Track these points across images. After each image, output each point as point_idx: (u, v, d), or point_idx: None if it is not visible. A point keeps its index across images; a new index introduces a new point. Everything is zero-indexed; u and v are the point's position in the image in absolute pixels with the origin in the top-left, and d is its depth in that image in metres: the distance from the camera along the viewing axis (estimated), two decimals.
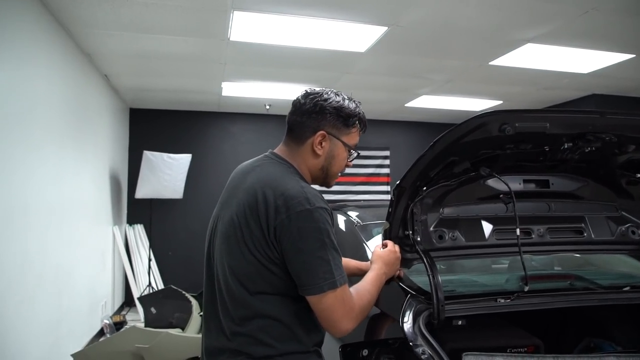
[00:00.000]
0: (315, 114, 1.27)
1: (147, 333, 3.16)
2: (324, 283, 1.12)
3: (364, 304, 1.22)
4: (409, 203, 1.49)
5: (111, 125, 5.05)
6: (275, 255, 1.15)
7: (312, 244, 1.12)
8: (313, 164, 1.29)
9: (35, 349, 2.89)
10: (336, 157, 1.30)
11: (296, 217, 1.12)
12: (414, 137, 7.01)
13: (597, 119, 1.35)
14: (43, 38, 2.99)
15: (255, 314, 1.17)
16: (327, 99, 1.27)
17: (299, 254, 1.13)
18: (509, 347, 1.62)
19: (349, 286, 1.19)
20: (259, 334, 1.17)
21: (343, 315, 1.14)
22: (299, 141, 1.29)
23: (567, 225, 1.70)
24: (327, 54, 3.84)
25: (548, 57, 3.89)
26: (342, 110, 1.27)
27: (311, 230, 1.12)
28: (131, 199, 5.63)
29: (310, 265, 1.12)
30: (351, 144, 1.31)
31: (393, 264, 1.42)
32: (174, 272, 5.86)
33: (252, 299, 1.17)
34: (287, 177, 1.21)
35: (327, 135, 1.27)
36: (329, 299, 1.13)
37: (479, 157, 1.46)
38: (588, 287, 1.77)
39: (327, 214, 1.16)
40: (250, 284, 1.18)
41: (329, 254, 1.13)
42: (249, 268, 1.17)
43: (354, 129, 1.31)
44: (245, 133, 6.46)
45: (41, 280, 3.00)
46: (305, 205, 1.13)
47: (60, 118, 3.34)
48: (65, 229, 3.48)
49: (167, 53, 3.87)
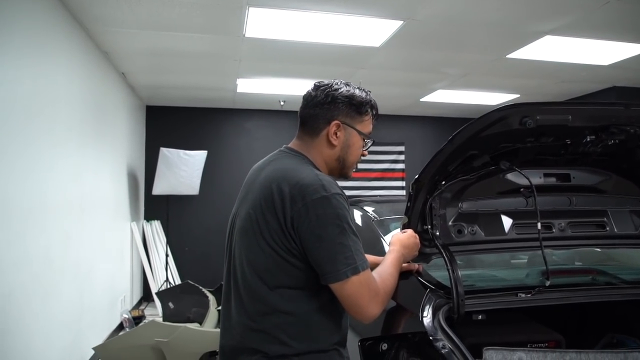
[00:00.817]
0: (327, 105, 1.27)
1: (166, 327, 3.21)
2: (347, 269, 1.10)
3: (387, 286, 1.21)
4: (428, 197, 1.49)
5: (128, 123, 5.12)
6: (293, 246, 1.14)
7: (331, 231, 1.11)
8: (329, 154, 1.29)
9: (58, 341, 2.96)
10: (352, 146, 1.29)
11: (313, 205, 1.11)
12: (429, 132, 6.96)
13: (622, 111, 1.32)
14: (62, 37, 3.04)
15: (272, 310, 1.16)
16: (338, 89, 1.27)
17: (319, 242, 1.11)
18: (529, 342, 1.61)
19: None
20: (275, 331, 1.16)
21: (369, 300, 1.13)
22: (313, 133, 1.29)
23: (588, 220, 1.68)
24: (342, 49, 3.82)
25: (567, 49, 3.82)
26: (354, 99, 1.27)
27: (329, 216, 1.11)
28: (148, 196, 5.70)
29: (331, 252, 1.11)
30: (365, 131, 1.31)
31: (411, 247, 1.41)
32: (191, 267, 5.93)
33: (270, 294, 1.16)
34: (301, 167, 1.21)
35: (342, 125, 1.27)
36: (354, 285, 1.11)
37: (498, 150, 1.45)
38: (610, 282, 1.74)
39: (344, 200, 1.16)
40: (270, 277, 1.17)
41: (349, 240, 1.12)
42: (268, 261, 1.16)
43: (366, 116, 1.30)
44: (260, 129, 6.48)
45: (63, 275, 3.06)
46: (321, 192, 1.12)
47: (80, 116, 3.40)
48: (86, 225, 3.54)
49: (182, 50, 3.90)
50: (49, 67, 2.80)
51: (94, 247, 3.78)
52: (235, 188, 1.33)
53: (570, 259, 2.19)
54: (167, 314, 4.14)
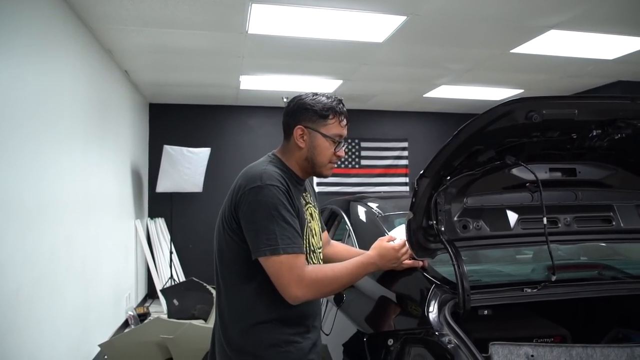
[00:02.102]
0: (293, 112, 1.44)
1: (172, 324, 3.22)
2: (266, 248, 1.27)
3: (320, 277, 1.33)
4: (433, 193, 1.48)
5: (132, 121, 5.13)
6: (234, 227, 1.34)
7: (259, 216, 1.29)
8: (299, 155, 1.44)
9: (65, 338, 2.98)
10: (317, 147, 1.43)
11: (249, 193, 1.31)
12: (433, 128, 6.94)
13: (628, 105, 1.31)
14: (66, 35, 3.05)
15: (226, 285, 1.38)
16: (304, 98, 1.44)
17: (248, 223, 1.31)
18: (535, 337, 1.60)
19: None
20: (227, 307, 1.37)
21: (290, 281, 1.27)
22: (286, 138, 1.47)
23: (594, 214, 1.66)
24: (345, 45, 3.81)
25: (572, 43, 3.80)
26: (315, 105, 1.42)
27: (259, 203, 1.29)
28: (152, 193, 5.71)
29: (256, 233, 1.29)
30: (330, 134, 1.43)
31: (388, 259, 1.47)
32: (195, 264, 5.95)
33: (224, 270, 1.39)
34: (260, 165, 1.41)
35: (306, 129, 1.42)
36: (274, 264, 1.27)
37: (504, 145, 1.43)
38: (617, 277, 1.74)
39: (278, 191, 1.31)
40: (222, 255, 1.39)
41: (275, 225, 1.28)
42: (221, 240, 1.39)
43: (330, 120, 1.42)
44: (263, 126, 6.48)
45: (69, 273, 3.08)
46: (257, 182, 1.31)
47: (84, 114, 3.41)
48: (91, 222, 3.56)
49: (185, 48, 3.90)
50: (52, 66, 2.81)
51: (99, 245, 3.79)
52: None
53: (576, 253, 2.18)
54: (171, 311, 4.16)
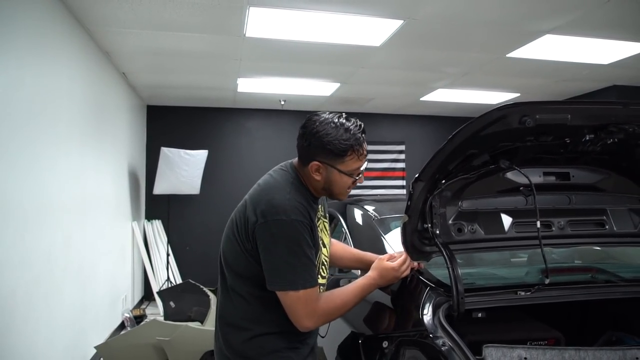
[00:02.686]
0: (308, 147, 1.35)
1: (168, 326, 3.22)
2: (285, 283, 1.27)
3: (330, 308, 1.33)
4: (428, 196, 1.50)
5: (129, 123, 5.13)
6: (250, 247, 1.32)
7: (281, 250, 1.27)
8: (315, 184, 1.40)
9: (60, 340, 2.97)
10: (334, 182, 1.38)
11: (272, 224, 1.27)
12: (430, 131, 6.96)
13: (620, 110, 1.33)
14: (64, 38, 3.05)
15: (233, 293, 1.37)
16: (318, 132, 1.32)
17: (269, 255, 1.29)
18: (529, 340, 1.62)
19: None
20: (233, 312, 1.37)
21: (304, 315, 1.29)
22: (302, 164, 1.41)
23: (588, 218, 1.68)
24: (342, 48, 3.83)
25: (567, 48, 3.83)
26: (332, 144, 1.32)
27: (283, 237, 1.27)
28: (149, 195, 5.71)
29: (276, 266, 1.28)
30: (348, 170, 1.36)
31: (389, 280, 1.48)
32: (192, 266, 5.94)
33: (232, 278, 1.37)
34: (281, 187, 1.34)
35: (322, 165, 1.35)
36: (291, 299, 1.28)
37: (498, 149, 1.45)
38: (610, 280, 1.75)
39: (303, 226, 1.29)
40: (232, 262, 1.38)
41: (297, 260, 1.27)
42: (233, 249, 1.37)
43: (348, 157, 1.34)
44: (261, 128, 6.50)
45: (65, 274, 3.07)
46: (282, 216, 1.27)
47: (81, 116, 3.41)
48: (88, 224, 3.56)
49: (183, 50, 3.91)
50: (50, 68, 2.81)
51: (96, 247, 3.79)
52: (236, 187, 1.38)
53: (570, 257, 2.20)
54: (168, 313, 4.16)
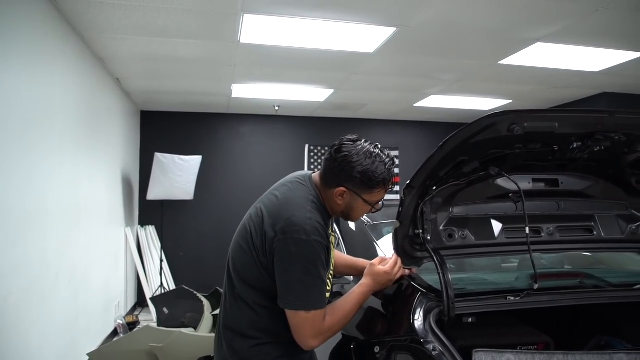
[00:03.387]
0: (340, 172, 1.35)
1: (161, 332, 3.21)
2: (298, 303, 1.28)
3: (334, 324, 1.34)
4: (419, 202, 1.51)
5: (123, 128, 5.13)
6: (265, 261, 1.32)
7: (297, 268, 1.27)
8: (335, 206, 1.41)
9: (52, 346, 2.96)
10: (355, 209, 1.41)
11: (292, 242, 1.27)
12: (423, 137, 7.01)
13: (606, 119, 1.36)
14: (58, 44, 3.06)
15: (241, 301, 1.37)
16: (355, 162, 1.33)
17: (284, 272, 1.28)
18: (519, 345, 1.64)
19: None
20: (243, 324, 1.36)
21: (310, 335, 1.29)
22: (326, 185, 1.40)
23: (576, 224, 1.71)
24: (336, 55, 3.86)
25: (558, 56, 3.88)
26: (366, 175, 1.34)
27: (300, 257, 1.26)
28: (143, 201, 5.70)
29: (290, 284, 1.28)
30: (373, 200, 1.39)
31: (384, 284, 1.50)
32: (185, 272, 5.92)
33: (242, 287, 1.36)
34: (301, 204, 1.33)
35: (348, 192, 1.36)
36: (300, 318, 1.28)
37: (488, 156, 1.47)
38: (598, 285, 1.78)
39: (321, 247, 1.29)
40: (242, 272, 1.37)
41: (311, 280, 1.27)
42: (245, 259, 1.36)
43: (376, 189, 1.38)
44: (255, 134, 6.51)
45: (58, 280, 3.06)
46: (302, 235, 1.26)
47: (75, 122, 3.41)
48: (81, 230, 3.54)
49: (178, 56, 3.92)
50: (44, 74, 2.82)
51: (89, 253, 3.78)
52: (230, 193, 1.37)
53: (559, 262, 2.22)
54: (161, 319, 4.14)
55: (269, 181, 1.51)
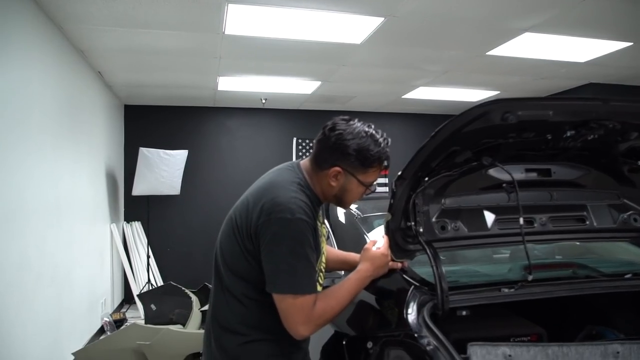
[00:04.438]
0: (335, 151, 1.31)
1: (148, 330, 3.15)
2: (285, 286, 1.21)
3: (326, 312, 1.27)
4: (411, 194, 1.48)
5: (106, 123, 5.01)
6: (250, 248, 1.27)
7: (284, 249, 1.21)
8: (327, 190, 1.36)
9: (35, 348, 2.88)
10: (349, 191, 1.36)
11: (275, 222, 1.22)
12: (411, 129, 6.99)
13: (601, 106, 1.33)
14: (36, 36, 2.95)
15: (229, 293, 1.32)
16: (350, 140, 1.30)
17: (271, 256, 1.23)
18: (512, 336, 1.62)
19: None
20: (232, 319, 1.31)
21: (299, 321, 1.23)
22: (318, 167, 1.35)
23: (569, 214, 1.69)
24: (323, 46, 3.81)
25: (545, 46, 3.88)
26: (362, 153, 1.31)
27: (286, 237, 1.21)
28: (128, 196, 5.60)
29: (277, 267, 1.22)
30: (367, 181, 1.36)
31: (382, 267, 1.44)
32: (173, 268, 5.85)
33: (230, 278, 1.31)
34: (286, 186, 1.29)
35: (343, 172, 1.32)
36: (288, 303, 1.22)
37: (480, 146, 1.44)
38: (590, 275, 1.77)
39: (307, 226, 1.24)
40: (231, 263, 1.32)
41: (298, 262, 1.21)
42: (233, 249, 1.31)
43: (372, 169, 1.35)
44: (242, 127, 6.43)
45: (40, 280, 2.98)
46: (286, 214, 1.21)
47: (55, 117, 3.31)
48: (63, 227, 3.45)
49: (161, 48, 3.83)
50: (21, 66, 2.72)
51: (72, 250, 3.69)
52: (217, 187, 1.33)
53: (551, 252, 2.21)
54: (149, 316, 4.07)
55: (256, 175, 1.46)
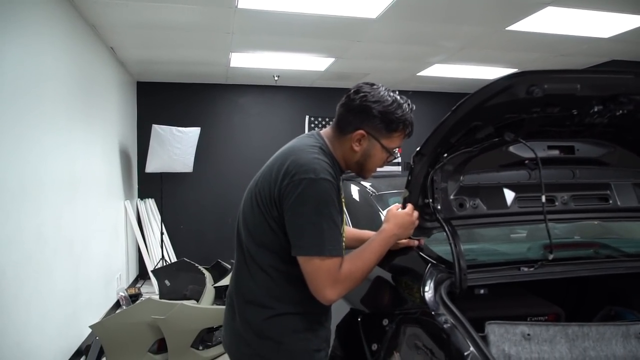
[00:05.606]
0: (359, 113, 1.29)
1: (163, 305, 3.19)
2: (311, 248, 1.18)
3: (353, 273, 1.24)
4: (429, 170, 1.45)
5: (119, 99, 5.01)
6: (275, 214, 1.24)
7: (308, 210, 1.18)
8: (349, 156, 1.34)
9: (54, 319, 2.94)
10: (372, 156, 1.34)
11: (299, 184, 1.19)
12: (425, 107, 6.84)
13: (631, 80, 1.27)
14: (47, 10, 2.92)
15: (255, 264, 1.29)
16: (376, 101, 1.28)
17: (295, 217, 1.20)
18: (529, 316, 1.60)
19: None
20: (254, 286, 1.29)
21: (326, 284, 1.20)
22: (340, 132, 1.33)
23: (592, 193, 1.64)
24: (338, 20, 3.72)
25: (567, 21, 3.74)
26: (387, 115, 1.29)
27: (311, 197, 1.18)
28: (141, 174, 5.63)
29: (302, 229, 1.19)
30: (391, 147, 1.34)
31: (407, 226, 1.40)
32: (186, 245, 5.92)
33: (255, 250, 1.29)
34: (307, 149, 1.27)
35: (367, 135, 1.30)
36: (315, 265, 1.19)
37: (503, 121, 1.39)
38: (612, 255, 1.73)
39: (332, 187, 1.21)
40: (255, 234, 1.30)
41: (323, 223, 1.18)
42: (255, 220, 1.29)
43: (396, 133, 1.33)
44: (254, 105, 6.38)
45: (56, 254, 3.02)
46: (309, 175, 1.19)
47: (67, 92, 3.30)
48: (78, 203, 3.49)
49: (173, 23, 3.78)
50: (33, 42, 2.69)
51: (88, 225, 3.73)
52: (230, 165, 1.30)
53: (570, 232, 2.17)
54: (163, 292, 4.13)
55: (268, 153, 1.43)
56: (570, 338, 1.33)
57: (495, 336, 1.31)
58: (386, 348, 1.30)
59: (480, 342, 1.14)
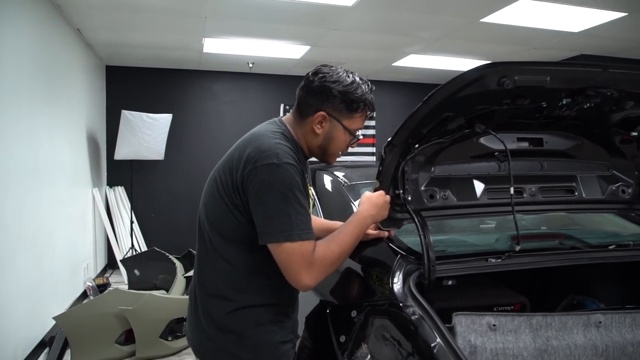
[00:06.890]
0: (319, 94, 1.27)
1: (131, 295, 3.13)
2: (280, 234, 1.15)
3: (328, 257, 1.21)
4: (400, 161, 1.44)
5: (86, 83, 4.83)
6: (238, 202, 1.21)
7: (273, 196, 1.15)
8: (311, 140, 1.32)
9: (16, 311, 2.84)
10: (334, 138, 1.31)
11: (262, 169, 1.16)
12: (401, 97, 6.90)
13: (599, 73, 1.28)
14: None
15: (218, 256, 1.26)
16: (335, 81, 1.27)
17: (260, 204, 1.17)
18: (496, 306, 1.63)
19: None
20: (218, 278, 1.26)
21: (300, 269, 1.17)
22: (301, 116, 1.31)
23: (558, 185, 1.67)
24: (314, 7, 3.66)
25: (540, 14, 3.79)
26: (347, 95, 1.27)
27: (274, 182, 1.16)
28: (110, 161, 5.46)
29: (268, 215, 1.16)
30: (352, 128, 1.31)
31: (382, 206, 1.37)
32: (157, 234, 5.81)
33: (218, 241, 1.25)
34: (269, 135, 1.24)
35: (328, 117, 1.28)
36: (286, 251, 1.16)
37: (474, 112, 1.39)
38: (576, 246, 1.77)
39: (296, 171, 1.19)
40: (217, 225, 1.26)
41: (290, 208, 1.16)
42: (217, 210, 1.26)
43: (357, 114, 1.30)
44: (228, 92, 6.27)
45: (19, 243, 2.91)
46: (272, 159, 1.17)
47: (29, 75, 3.15)
48: (42, 191, 3.36)
49: (144, 5, 3.65)
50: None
51: (53, 214, 3.61)
52: (202, 153, 1.27)
53: (537, 223, 2.21)
54: (132, 282, 4.06)
55: None
56: (534, 328, 1.35)
57: (462, 327, 1.32)
58: (354, 340, 1.30)
59: (447, 333, 1.14)
